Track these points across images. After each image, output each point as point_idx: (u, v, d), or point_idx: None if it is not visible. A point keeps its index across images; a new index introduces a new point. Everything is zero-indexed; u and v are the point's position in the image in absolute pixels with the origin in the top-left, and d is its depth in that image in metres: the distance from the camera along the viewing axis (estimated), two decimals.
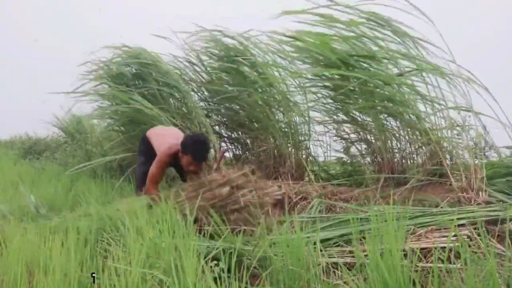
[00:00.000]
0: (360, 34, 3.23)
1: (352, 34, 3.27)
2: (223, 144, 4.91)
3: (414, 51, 3.10)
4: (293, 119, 4.10)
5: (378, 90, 3.23)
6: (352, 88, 3.34)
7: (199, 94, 4.95)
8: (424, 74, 3.10)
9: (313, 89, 3.88)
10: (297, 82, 4.00)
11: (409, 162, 3.39)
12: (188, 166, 3.04)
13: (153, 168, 3.08)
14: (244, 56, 4.20)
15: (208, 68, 4.80)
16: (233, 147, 4.90)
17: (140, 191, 3.26)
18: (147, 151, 3.35)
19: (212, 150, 4.28)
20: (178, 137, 3.23)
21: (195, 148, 2.97)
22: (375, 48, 3.25)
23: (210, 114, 4.89)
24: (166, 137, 3.33)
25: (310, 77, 3.76)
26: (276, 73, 4.12)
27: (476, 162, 2.70)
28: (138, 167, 3.51)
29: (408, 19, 3.04)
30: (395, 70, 3.27)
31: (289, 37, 3.51)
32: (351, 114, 3.75)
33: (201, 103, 4.97)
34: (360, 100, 3.44)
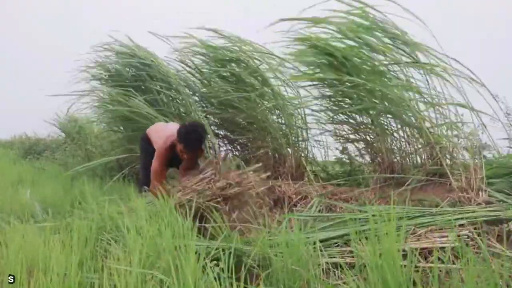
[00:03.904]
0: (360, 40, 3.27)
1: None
2: (221, 145, 4.89)
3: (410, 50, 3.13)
4: (290, 119, 4.09)
5: (376, 89, 3.23)
6: (349, 89, 3.35)
7: (195, 96, 4.93)
8: (421, 71, 3.12)
9: (309, 88, 3.88)
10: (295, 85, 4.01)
11: (409, 162, 3.38)
12: (182, 155, 3.08)
13: (154, 164, 3.12)
14: (239, 60, 4.20)
15: (204, 71, 4.77)
16: (231, 147, 4.88)
17: (141, 192, 3.26)
18: (148, 148, 3.35)
19: (212, 151, 4.27)
20: (174, 130, 3.22)
21: (187, 136, 3.00)
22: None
23: (207, 116, 4.88)
24: (163, 132, 3.33)
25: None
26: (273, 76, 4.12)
27: (476, 162, 2.70)
28: (140, 168, 3.53)
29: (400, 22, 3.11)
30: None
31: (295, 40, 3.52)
32: (350, 114, 3.74)
33: (198, 105, 4.95)
34: (358, 101, 3.44)
